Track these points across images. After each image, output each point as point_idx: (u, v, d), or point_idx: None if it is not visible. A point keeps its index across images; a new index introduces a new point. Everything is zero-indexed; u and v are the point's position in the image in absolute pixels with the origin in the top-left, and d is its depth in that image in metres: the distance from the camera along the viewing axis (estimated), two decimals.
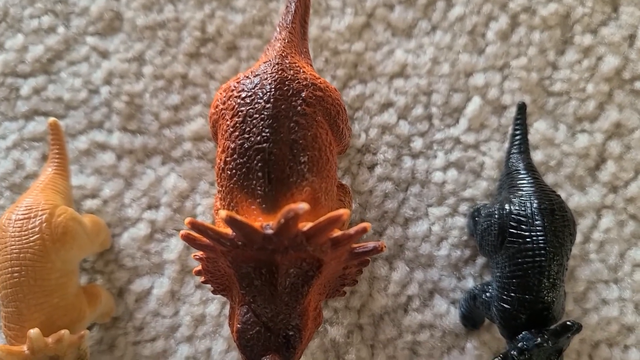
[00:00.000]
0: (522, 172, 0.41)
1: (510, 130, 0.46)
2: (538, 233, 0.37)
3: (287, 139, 0.34)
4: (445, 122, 0.47)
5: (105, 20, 0.48)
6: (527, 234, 0.37)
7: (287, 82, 0.35)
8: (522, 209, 0.38)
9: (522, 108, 0.43)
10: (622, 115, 0.47)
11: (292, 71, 0.36)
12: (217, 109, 0.37)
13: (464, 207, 0.46)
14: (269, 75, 0.35)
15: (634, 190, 0.46)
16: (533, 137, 0.47)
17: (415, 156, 0.47)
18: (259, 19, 0.48)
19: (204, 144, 0.47)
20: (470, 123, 0.47)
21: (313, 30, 0.48)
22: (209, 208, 0.46)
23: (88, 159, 0.47)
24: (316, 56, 0.48)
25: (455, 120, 0.47)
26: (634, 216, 0.46)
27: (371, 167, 0.47)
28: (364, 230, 0.31)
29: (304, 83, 0.35)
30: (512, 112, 0.47)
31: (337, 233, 0.32)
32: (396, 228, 0.46)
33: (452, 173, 0.46)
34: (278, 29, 0.40)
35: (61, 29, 0.48)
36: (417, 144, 0.47)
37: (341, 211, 0.30)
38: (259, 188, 0.33)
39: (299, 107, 0.34)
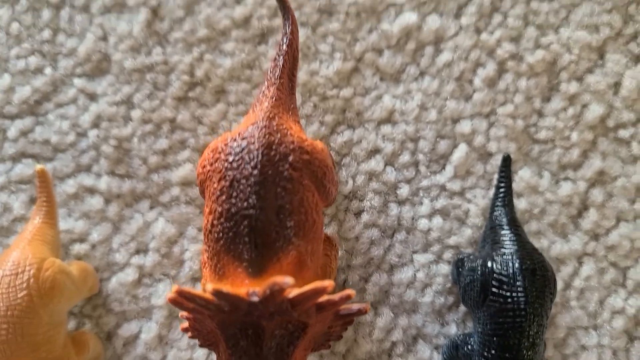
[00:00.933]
0: (505, 227, 0.42)
1: (495, 180, 0.47)
2: (519, 294, 0.38)
3: (273, 205, 0.34)
4: (432, 168, 0.48)
5: (93, 61, 0.48)
6: (508, 294, 0.38)
7: (274, 147, 0.35)
8: (505, 268, 0.39)
9: (507, 160, 0.44)
10: (605, 163, 0.48)
11: (279, 134, 0.36)
12: (204, 170, 0.37)
13: (448, 255, 0.47)
14: (256, 140, 0.35)
15: (614, 238, 0.47)
16: (517, 184, 0.48)
17: (401, 203, 0.47)
18: (247, 63, 0.48)
19: (192, 189, 0.47)
20: (456, 170, 0.48)
21: (302, 75, 0.48)
22: (197, 254, 0.46)
23: (76, 203, 0.47)
24: (304, 101, 0.48)
25: (442, 166, 0.48)
26: (614, 264, 0.47)
27: (358, 214, 0.47)
28: (348, 297, 0.32)
29: (291, 147, 0.36)
30: (497, 159, 0.47)
31: (322, 299, 0.33)
32: (382, 274, 0.46)
33: (438, 220, 0.47)
34: (266, 84, 0.40)
35: (48, 70, 0.48)
36: (404, 190, 0.47)
37: (326, 283, 0.31)
38: (245, 252, 0.33)
39: (285, 172, 0.35)
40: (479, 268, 0.40)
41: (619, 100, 0.48)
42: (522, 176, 0.48)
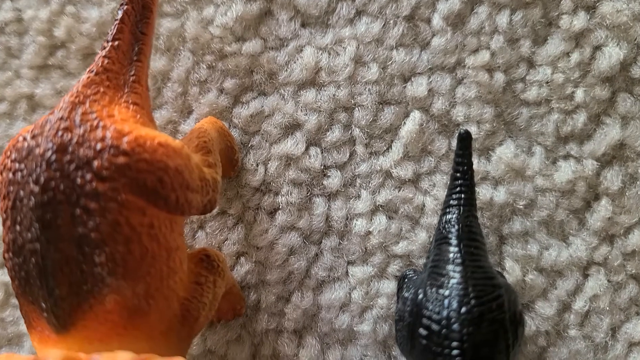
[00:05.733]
0: (453, 242, 0.28)
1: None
2: (452, 352, 0.25)
3: (69, 235, 0.25)
4: (373, 148, 0.35)
5: None
6: (438, 350, 0.26)
7: (70, 149, 0.25)
8: (437, 310, 0.26)
9: (465, 140, 0.30)
10: (627, 132, 0.33)
11: (82, 129, 0.25)
12: None
13: (394, 267, 0.34)
14: (43, 140, 0.24)
15: (637, 239, 0.33)
16: (495, 167, 0.34)
17: (330, 197, 0.35)
18: None
19: None
20: (407, 149, 0.34)
21: (190, 27, 0.35)
22: None
23: None
24: (196, 63, 0.35)
25: (387, 145, 0.35)
26: (635, 277, 0.33)
27: (272, 213, 0.35)
28: None
29: (99, 147, 0.24)
30: None
31: None
32: (306, 294, 0.35)
33: (381, 220, 0.34)
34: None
35: None
36: (334, 180, 0.35)
37: None
38: (42, 300, 0.25)
39: (87, 186, 0.24)
40: (409, 304, 0.28)
41: None
42: (503, 154, 0.34)
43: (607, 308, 0.33)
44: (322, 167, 0.35)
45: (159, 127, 0.35)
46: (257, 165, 0.35)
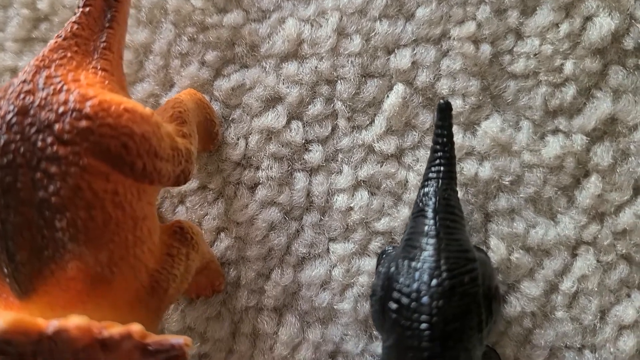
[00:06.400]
0: (429, 216, 0.27)
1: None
2: (421, 325, 0.24)
3: (29, 199, 0.24)
4: (355, 122, 0.34)
5: None
6: (407, 324, 0.25)
7: (31, 112, 0.24)
8: (407, 283, 0.25)
9: (444, 110, 0.29)
10: (619, 105, 0.32)
11: (46, 92, 0.25)
12: None
13: (376, 244, 0.33)
14: (5, 102, 0.24)
15: (628, 219, 0.32)
16: (481, 141, 0.33)
17: (311, 172, 0.34)
18: None
19: None
20: (391, 123, 0.33)
21: None
22: None
23: None
24: (178, 35, 0.35)
25: (370, 119, 0.34)
26: (626, 257, 0.32)
27: (252, 188, 0.34)
28: (129, 335, 0.23)
29: (61, 110, 0.24)
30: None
31: (105, 334, 0.23)
32: (286, 270, 0.34)
33: (363, 196, 0.33)
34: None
35: None
36: (315, 155, 0.34)
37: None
38: (3, 265, 0.25)
39: (48, 149, 0.24)
40: (382, 277, 0.27)
41: None
42: (489, 129, 0.32)
43: (596, 289, 0.32)
44: (304, 141, 0.34)
45: (140, 100, 0.35)
46: (238, 139, 0.34)
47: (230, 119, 0.35)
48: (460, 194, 0.32)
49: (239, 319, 0.34)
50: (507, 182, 0.32)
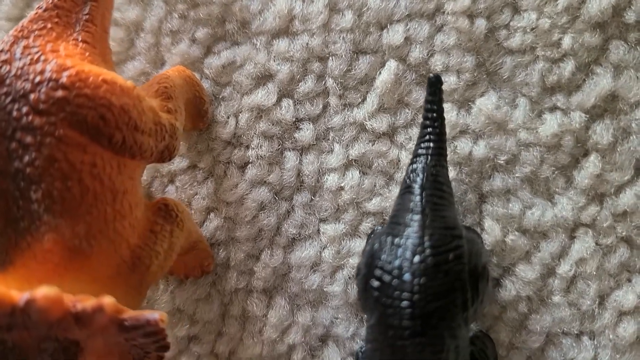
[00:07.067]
0: (416, 192, 0.26)
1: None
2: (402, 303, 0.24)
3: (5, 169, 0.24)
4: (347, 99, 0.33)
5: None
6: (389, 300, 0.24)
7: (7, 81, 0.24)
8: (389, 260, 0.24)
9: (434, 84, 0.28)
10: (620, 82, 0.30)
11: (22, 62, 0.24)
12: None
13: (367, 225, 0.32)
14: None
15: (629, 200, 0.30)
16: (475, 119, 0.32)
17: (302, 151, 0.33)
18: None
19: None
20: (383, 100, 0.32)
21: None
22: None
23: None
24: (169, 12, 0.34)
25: (362, 96, 0.33)
26: (626, 239, 0.30)
27: (242, 167, 0.34)
28: (100, 307, 0.22)
29: (37, 79, 0.24)
30: (444, 81, 0.31)
31: (78, 307, 0.22)
32: (275, 252, 0.33)
33: (354, 175, 0.33)
34: None
35: None
36: (305, 133, 0.33)
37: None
38: None
39: (23, 119, 0.24)
40: (366, 254, 0.26)
41: None
42: (484, 106, 0.31)
43: (595, 273, 0.30)
44: (294, 119, 0.33)
45: (131, 78, 0.35)
46: (228, 117, 0.34)
47: (220, 97, 0.34)
48: (453, 174, 0.32)
49: (229, 301, 0.34)
50: (502, 162, 0.31)
